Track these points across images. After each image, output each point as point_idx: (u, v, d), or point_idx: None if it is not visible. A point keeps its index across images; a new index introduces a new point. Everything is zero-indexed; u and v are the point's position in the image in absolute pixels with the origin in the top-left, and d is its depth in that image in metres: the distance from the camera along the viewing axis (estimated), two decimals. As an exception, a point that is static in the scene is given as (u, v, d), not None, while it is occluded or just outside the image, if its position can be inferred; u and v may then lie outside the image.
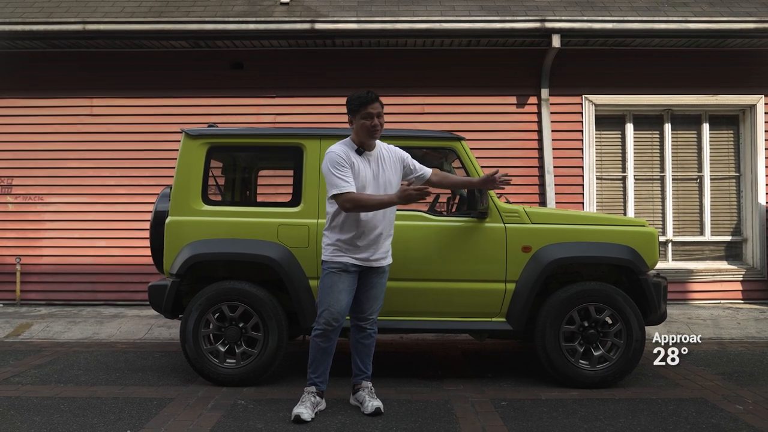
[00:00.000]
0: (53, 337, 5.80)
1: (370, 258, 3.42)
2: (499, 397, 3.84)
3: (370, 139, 3.42)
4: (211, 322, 4.02)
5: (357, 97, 3.37)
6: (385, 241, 3.48)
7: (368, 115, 3.34)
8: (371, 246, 3.41)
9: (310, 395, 3.44)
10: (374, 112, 3.34)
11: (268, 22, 6.82)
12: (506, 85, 7.33)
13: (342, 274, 3.40)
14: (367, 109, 3.34)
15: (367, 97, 3.34)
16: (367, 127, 3.35)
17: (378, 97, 3.38)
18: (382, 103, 3.41)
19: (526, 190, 7.16)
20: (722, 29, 6.79)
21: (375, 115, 3.35)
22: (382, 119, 3.40)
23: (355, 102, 3.37)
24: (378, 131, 3.39)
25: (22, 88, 7.36)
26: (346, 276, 3.40)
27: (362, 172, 3.38)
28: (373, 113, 3.34)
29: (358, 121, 3.37)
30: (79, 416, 3.47)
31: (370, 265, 3.44)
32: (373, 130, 3.37)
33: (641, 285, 4.06)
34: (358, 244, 3.39)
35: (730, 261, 7.42)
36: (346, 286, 3.40)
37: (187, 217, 4.13)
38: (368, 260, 3.42)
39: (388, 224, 3.48)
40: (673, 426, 3.31)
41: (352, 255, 3.39)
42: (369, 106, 3.34)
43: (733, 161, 7.53)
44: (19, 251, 7.21)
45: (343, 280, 3.40)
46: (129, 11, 7.11)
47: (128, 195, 7.20)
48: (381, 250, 3.46)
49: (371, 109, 3.34)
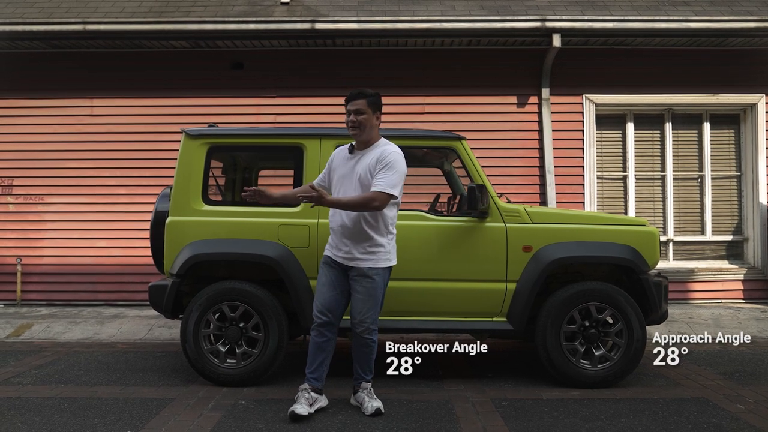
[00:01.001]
0: (54, 338, 5.80)
1: (336, 254, 3.48)
2: (500, 396, 3.83)
3: (354, 137, 3.49)
4: (212, 322, 4.02)
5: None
6: (350, 240, 3.39)
7: (347, 111, 3.45)
8: (335, 241, 3.49)
9: (304, 392, 3.44)
10: (351, 108, 3.43)
11: (269, 22, 6.81)
12: (507, 84, 7.32)
13: (324, 267, 3.53)
14: (347, 106, 3.46)
15: (348, 96, 3.46)
16: (347, 122, 3.46)
17: (359, 95, 3.42)
18: (366, 98, 3.40)
19: (526, 190, 7.15)
20: (723, 28, 6.78)
21: (352, 111, 3.42)
22: (362, 117, 3.40)
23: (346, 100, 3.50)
24: (355, 128, 3.42)
25: (22, 88, 7.36)
26: (328, 270, 3.50)
27: (338, 168, 3.53)
28: (351, 110, 3.43)
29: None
30: (80, 416, 3.47)
31: (342, 263, 3.46)
32: (351, 127, 3.44)
33: (642, 284, 4.05)
34: (330, 236, 3.54)
35: (731, 260, 7.41)
36: (326, 279, 3.49)
37: (187, 217, 4.13)
38: (337, 256, 3.48)
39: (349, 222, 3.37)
40: (674, 426, 3.31)
41: (330, 248, 3.52)
42: (348, 104, 3.46)
43: (734, 160, 7.52)
44: (20, 251, 7.21)
45: (324, 273, 3.52)
46: (129, 11, 7.11)
47: (128, 195, 7.20)
48: (346, 247, 3.41)
49: (349, 107, 3.45)
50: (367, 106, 3.41)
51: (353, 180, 3.42)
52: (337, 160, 3.55)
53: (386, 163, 3.36)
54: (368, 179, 3.37)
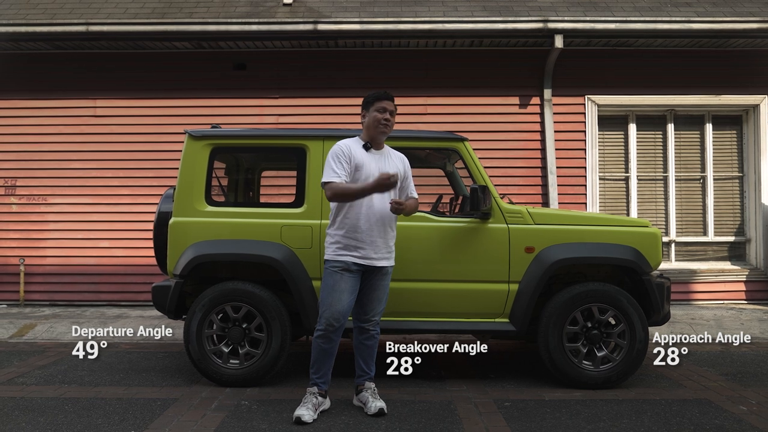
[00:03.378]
0: (57, 338, 5.82)
1: (369, 257, 3.41)
2: (503, 397, 3.84)
3: (379, 135, 3.48)
4: (215, 322, 4.03)
5: (374, 93, 3.52)
6: (382, 240, 3.45)
7: (382, 108, 3.45)
8: (369, 244, 3.40)
9: (312, 396, 3.45)
10: (388, 107, 3.46)
11: (271, 23, 6.83)
12: (509, 85, 7.33)
13: (344, 273, 3.40)
14: (382, 103, 3.45)
15: (384, 94, 3.50)
16: (378, 119, 3.44)
17: (393, 98, 3.51)
18: (395, 106, 3.52)
19: (529, 191, 7.16)
20: (725, 29, 6.78)
21: (389, 110, 3.45)
22: (394, 119, 3.50)
23: (372, 97, 3.51)
24: (387, 126, 3.47)
25: (25, 89, 7.38)
26: (348, 276, 3.40)
27: (366, 166, 3.43)
28: (387, 108, 3.45)
29: (370, 114, 3.47)
30: (84, 417, 3.48)
31: (371, 264, 3.43)
32: (384, 124, 3.45)
33: (644, 285, 4.05)
34: (357, 240, 3.39)
35: (734, 261, 7.41)
36: (348, 286, 3.41)
37: (190, 218, 4.14)
38: (368, 259, 3.41)
39: (385, 223, 3.44)
40: (676, 427, 3.31)
41: (352, 254, 3.40)
42: (384, 101, 3.47)
43: (736, 161, 7.52)
44: (23, 252, 7.24)
45: (345, 280, 3.40)
46: (132, 12, 7.13)
47: (132, 196, 7.22)
48: (380, 249, 3.45)
49: (386, 104, 3.45)
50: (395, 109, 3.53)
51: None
52: (359, 157, 3.44)
53: (410, 170, 3.64)
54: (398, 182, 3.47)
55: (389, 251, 3.52)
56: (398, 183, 3.47)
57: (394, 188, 3.45)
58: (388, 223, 3.47)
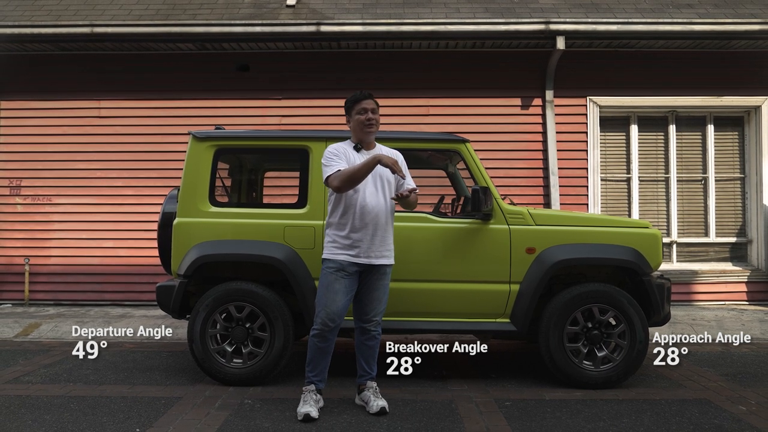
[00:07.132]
0: (61, 337, 5.86)
1: (366, 255, 3.42)
2: (503, 397, 3.86)
3: (366, 135, 3.50)
4: (218, 322, 4.06)
5: (351, 97, 3.53)
6: (379, 237, 3.45)
7: (362, 110, 3.46)
8: (365, 242, 3.41)
9: (311, 393, 3.48)
10: (368, 107, 3.46)
11: (274, 25, 6.87)
12: (511, 86, 7.35)
13: (339, 273, 3.42)
14: (361, 105, 3.47)
15: (361, 95, 3.51)
16: (362, 121, 3.46)
17: (371, 96, 3.51)
18: (376, 102, 3.52)
19: (530, 192, 7.18)
20: (727, 31, 6.80)
21: (369, 109, 3.46)
22: (377, 116, 3.50)
23: (350, 101, 3.53)
24: (373, 125, 3.48)
25: (30, 90, 7.43)
26: (344, 276, 3.42)
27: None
28: (367, 108, 3.46)
29: (353, 118, 3.50)
30: (89, 415, 3.52)
31: (369, 262, 3.44)
32: (367, 124, 3.46)
33: (645, 286, 4.08)
34: (353, 238, 3.41)
35: (735, 262, 7.42)
36: (343, 287, 3.42)
37: (194, 218, 4.17)
38: (364, 257, 3.42)
39: (380, 220, 3.44)
40: (676, 427, 3.33)
41: (348, 252, 3.42)
42: (363, 102, 3.48)
43: (737, 163, 7.53)
44: (28, 252, 7.29)
45: (340, 280, 3.42)
46: (136, 14, 7.18)
47: (136, 196, 7.26)
48: (377, 247, 3.45)
49: (365, 105, 3.47)
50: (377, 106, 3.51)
51: (376, 179, 3.45)
52: (352, 158, 3.46)
53: (405, 165, 3.56)
54: (392, 179, 3.50)
55: (387, 249, 3.51)
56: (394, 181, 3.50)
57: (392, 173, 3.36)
58: (383, 220, 3.46)
